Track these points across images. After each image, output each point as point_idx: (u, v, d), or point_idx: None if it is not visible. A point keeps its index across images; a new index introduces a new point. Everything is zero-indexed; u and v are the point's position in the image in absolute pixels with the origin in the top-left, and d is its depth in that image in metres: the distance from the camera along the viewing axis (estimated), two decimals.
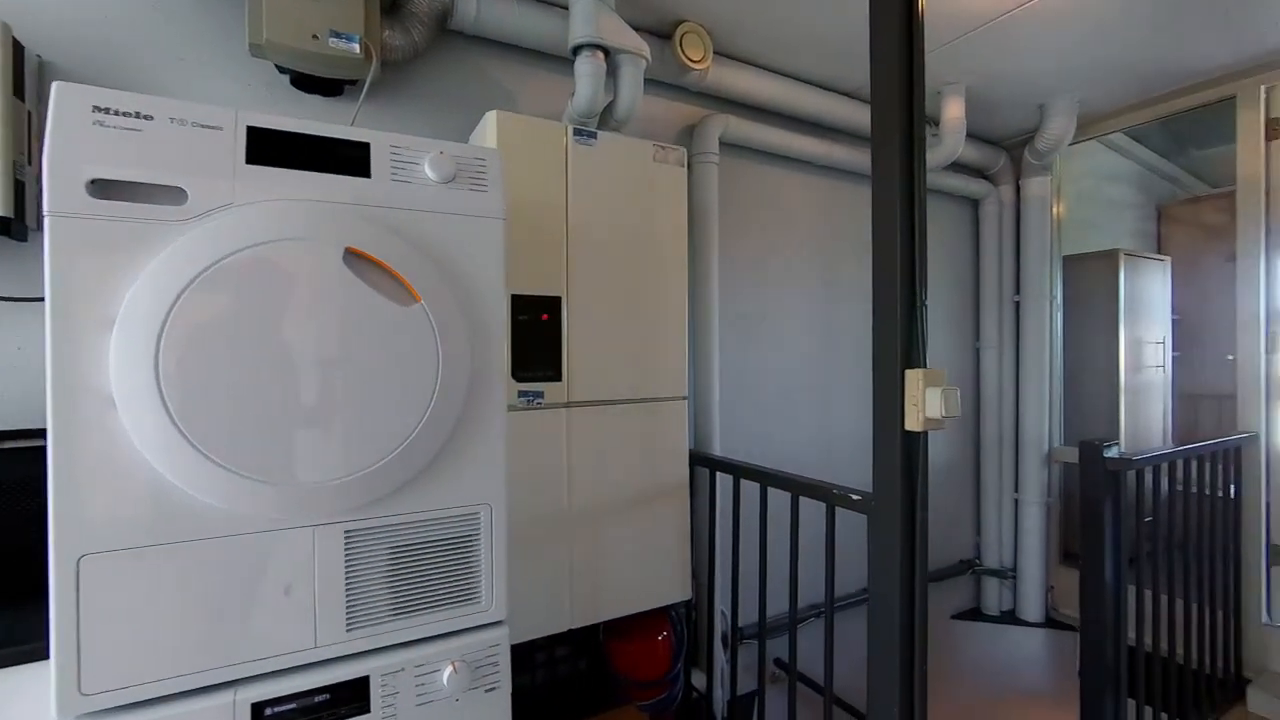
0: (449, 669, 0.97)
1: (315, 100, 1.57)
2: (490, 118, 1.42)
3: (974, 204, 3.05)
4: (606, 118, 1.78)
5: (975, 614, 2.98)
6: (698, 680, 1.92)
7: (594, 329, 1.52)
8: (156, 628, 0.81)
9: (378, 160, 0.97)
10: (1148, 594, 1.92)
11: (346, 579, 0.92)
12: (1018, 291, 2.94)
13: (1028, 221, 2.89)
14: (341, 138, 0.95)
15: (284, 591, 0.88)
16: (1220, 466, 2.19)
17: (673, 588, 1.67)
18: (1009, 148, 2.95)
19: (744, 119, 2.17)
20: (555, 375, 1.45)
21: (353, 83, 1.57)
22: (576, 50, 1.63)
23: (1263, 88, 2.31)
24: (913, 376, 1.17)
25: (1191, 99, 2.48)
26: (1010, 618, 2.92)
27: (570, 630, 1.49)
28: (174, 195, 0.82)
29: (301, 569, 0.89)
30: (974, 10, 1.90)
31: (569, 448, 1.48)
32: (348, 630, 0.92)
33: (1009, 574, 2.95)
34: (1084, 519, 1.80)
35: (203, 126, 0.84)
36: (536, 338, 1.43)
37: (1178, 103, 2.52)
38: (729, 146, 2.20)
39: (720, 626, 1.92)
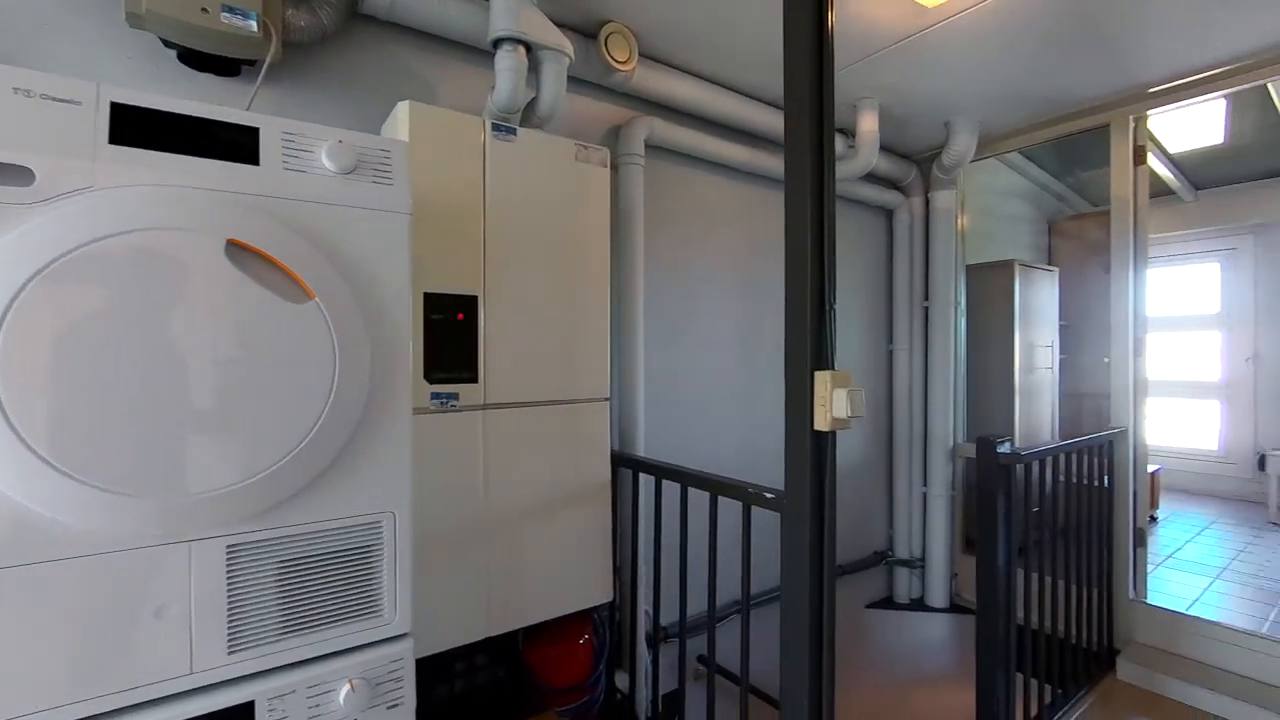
0: (346, 688, 0.92)
1: (208, 79, 1.46)
2: (402, 108, 1.36)
3: (888, 214, 3.22)
4: (529, 115, 1.75)
5: (888, 603, 3.15)
6: (621, 682, 1.92)
7: (513, 329, 1.49)
8: None
9: (268, 147, 0.90)
10: (1034, 576, 2.09)
11: (229, 597, 0.85)
12: (926, 297, 3.13)
13: (935, 232, 3.08)
14: (226, 120, 0.87)
15: (154, 614, 0.80)
16: (1096, 459, 2.41)
17: (595, 590, 1.66)
18: (919, 162, 3.13)
19: (670, 122, 2.19)
20: (471, 376, 1.41)
21: (251, 63, 1.47)
22: (497, 44, 1.59)
23: (1131, 118, 2.56)
24: (821, 378, 1.21)
25: (1074, 125, 2.72)
26: (919, 605, 3.10)
27: (488, 638, 1.45)
28: (18, 175, 0.73)
29: (175, 589, 0.82)
30: (884, 30, 2.01)
31: (486, 451, 1.44)
32: (230, 653, 0.85)
33: (918, 563, 3.13)
34: (980, 509, 1.93)
35: (55, 100, 0.76)
36: (451, 338, 1.39)
37: (1062, 128, 2.76)
38: (655, 149, 2.22)
39: (644, 626, 1.93)
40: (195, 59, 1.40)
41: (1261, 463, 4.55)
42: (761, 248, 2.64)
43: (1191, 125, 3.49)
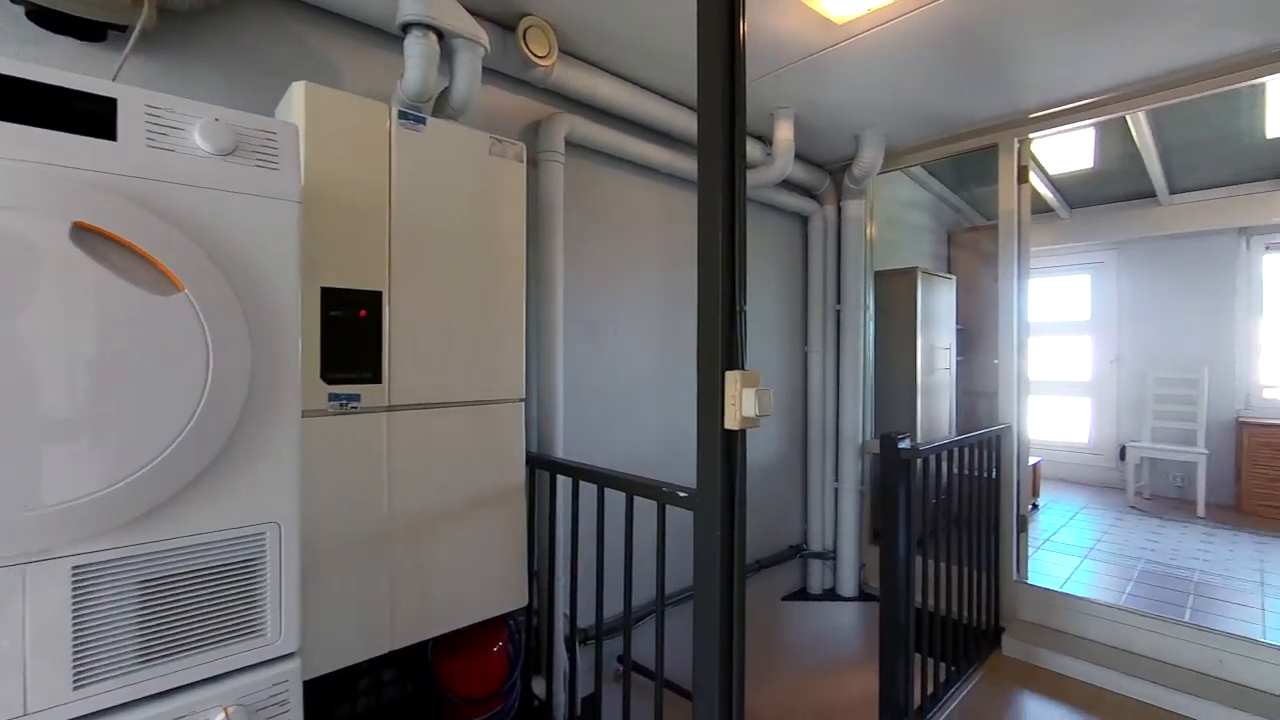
0: (220, 717, 0.84)
1: (66, 43, 1.30)
2: (297, 89, 1.27)
3: (804, 220, 3.35)
4: (442, 105, 1.68)
5: (802, 594, 3.28)
6: (539, 688, 1.88)
7: (421, 327, 1.42)
8: None
9: (128, 121, 0.81)
10: (932, 563, 2.24)
11: (74, 625, 0.76)
12: (839, 301, 3.29)
13: (847, 239, 3.24)
14: (72, 88, 0.78)
15: None
16: (985, 452, 2.62)
17: (509, 595, 1.61)
18: (832, 172, 3.29)
19: (591, 120, 2.18)
20: (374, 377, 1.34)
21: (122, 28, 1.32)
22: (406, 28, 1.52)
23: (1016, 140, 2.80)
24: (732, 378, 1.24)
25: (967, 144, 2.94)
26: (831, 594, 3.25)
27: (392, 651, 1.38)
28: None
29: (5, 618, 0.72)
30: (797, 44, 2.09)
31: (390, 454, 1.37)
32: (76, 687, 0.76)
33: (830, 555, 3.28)
34: (883, 501, 2.05)
35: None
36: (352, 336, 1.31)
37: (958, 146, 2.98)
38: (576, 147, 2.20)
39: (562, 630, 1.90)
40: (49, 18, 1.24)
41: (1122, 453, 5.11)
42: (683, 249, 2.67)
43: (1067, 150, 3.88)
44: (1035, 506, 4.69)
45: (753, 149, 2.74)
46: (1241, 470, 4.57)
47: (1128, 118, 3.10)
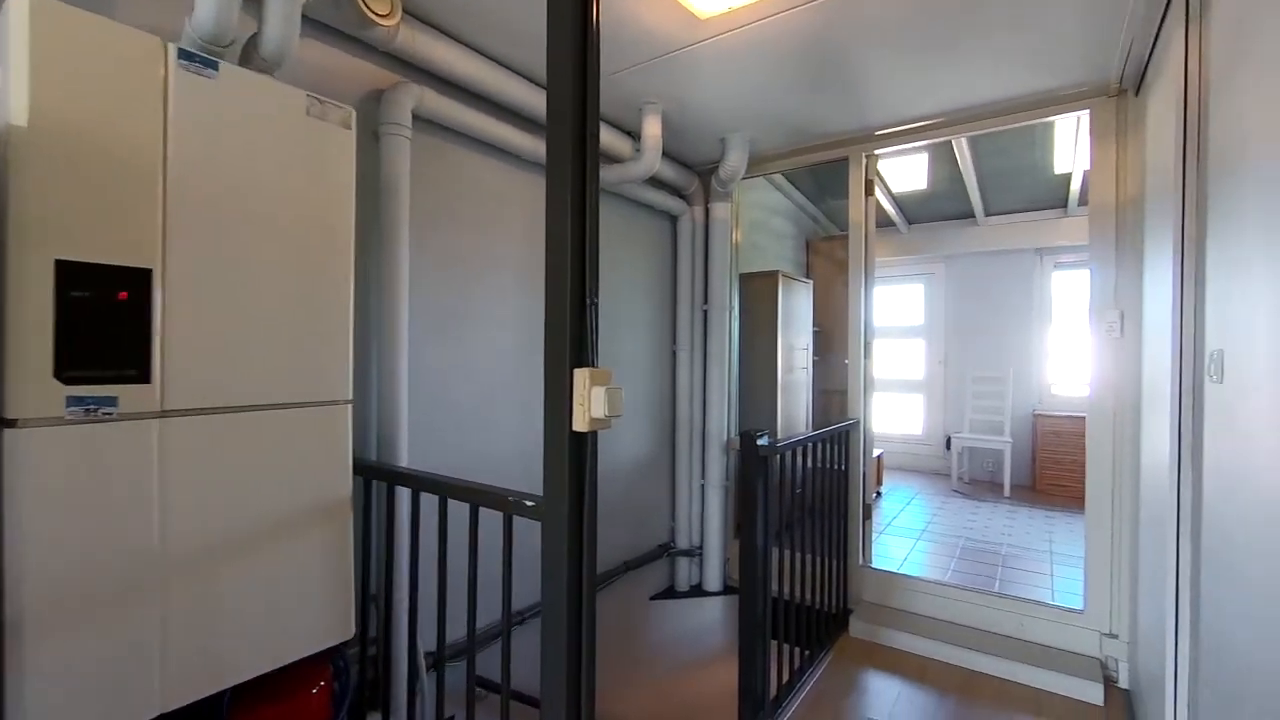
0: None
1: None
2: (18, 2, 0.98)
3: (673, 220, 3.38)
4: (252, 55, 1.42)
5: (670, 592, 3.30)
6: None
7: (209, 315, 1.17)
8: None
9: None
10: (788, 553, 2.32)
11: None
12: (706, 301, 3.35)
13: (714, 240, 3.30)
14: None
15: None
16: (836, 446, 2.78)
17: (331, 628, 1.40)
18: (700, 173, 3.34)
19: (444, 95, 1.99)
20: (139, 375, 1.07)
21: None
22: None
23: (864, 155, 3.02)
24: (581, 375, 1.15)
25: (823, 155, 3.12)
26: (697, 590, 3.30)
27: (163, 714, 1.12)
28: None
29: None
30: (663, 37, 2.05)
31: (164, 471, 1.11)
32: None
33: (696, 552, 3.33)
34: (743, 497, 2.08)
35: None
36: (106, 324, 1.04)
37: (814, 156, 3.15)
38: (427, 123, 2.00)
39: (404, 657, 1.70)
40: None
41: (948, 443, 5.78)
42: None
43: (906, 171, 4.29)
44: (879, 495, 5.15)
45: (622, 143, 2.69)
46: (1036, 456, 5.35)
47: (953, 143, 3.47)
